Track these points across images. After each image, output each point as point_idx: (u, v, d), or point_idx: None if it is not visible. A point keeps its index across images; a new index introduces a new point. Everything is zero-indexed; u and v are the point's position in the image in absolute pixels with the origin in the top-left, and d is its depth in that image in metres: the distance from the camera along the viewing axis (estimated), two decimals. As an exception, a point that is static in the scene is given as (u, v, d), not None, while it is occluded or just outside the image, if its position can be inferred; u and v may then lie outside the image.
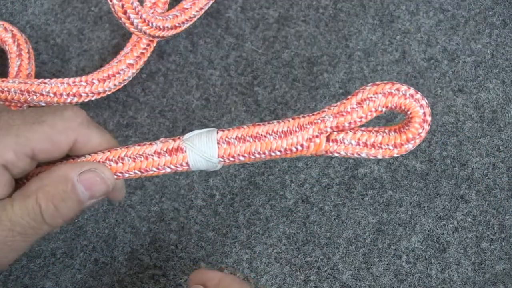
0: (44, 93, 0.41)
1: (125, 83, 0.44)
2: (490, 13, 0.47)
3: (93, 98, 0.43)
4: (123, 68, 0.43)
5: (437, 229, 0.42)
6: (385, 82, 0.30)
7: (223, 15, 0.48)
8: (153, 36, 0.43)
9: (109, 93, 0.43)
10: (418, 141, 0.30)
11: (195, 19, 0.45)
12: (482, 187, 0.43)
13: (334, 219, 0.42)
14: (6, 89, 0.41)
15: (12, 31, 0.45)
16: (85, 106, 0.45)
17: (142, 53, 0.44)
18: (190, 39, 0.47)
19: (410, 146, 0.31)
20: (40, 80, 0.42)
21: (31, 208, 0.30)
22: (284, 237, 0.42)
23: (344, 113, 0.30)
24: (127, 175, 0.33)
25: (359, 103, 0.30)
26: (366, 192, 0.43)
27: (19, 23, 0.48)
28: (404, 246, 0.42)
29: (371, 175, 0.43)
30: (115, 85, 0.43)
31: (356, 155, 0.31)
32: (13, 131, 0.30)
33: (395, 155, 0.31)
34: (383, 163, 0.43)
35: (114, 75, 0.43)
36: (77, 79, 0.42)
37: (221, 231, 0.42)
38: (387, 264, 0.41)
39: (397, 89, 0.30)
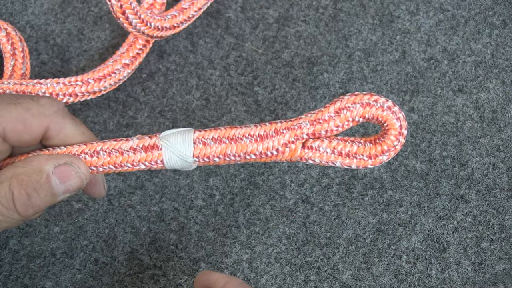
0: (40, 93, 0.41)
1: (120, 83, 0.44)
2: (490, 13, 0.47)
3: (89, 98, 0.43)
4: (119, 68, 0.43)
5: (437, 229, 0.42)
6: (364, 92, 0.30)
7: (223, 15, 0.48)
8: (152, 36, 0.43)
9: (104, 92, 0.43)
10: (393, 153, 0.31)
11: (193, 19, 0.45)
12: (482, 187, 0.43)
13: (334, 219, 0.42)
14: (1, 90, 0.41)
15: (6, 29, 0.44)
16: (85, 106, 0.45)
17: (138, 54, 0.44)
18: (190, 39, 0.47)
19: (385, 158, 0.31)
20: (35, 81, 0.42)
21: (3, 194, 0.30)
22: (284, 237, 0.42)
23: (321, 121, 0.30)
24: (101, 169, 0.33)
25: (337, 112, 0.30)
26: (366, 192, 0.43)
27: (19, 23, 0.48)
28: (404, 246, 0.42)
29: (371, 175, 0.43)
30: (110, 84, 0.43)
31: (330, 164, 0.31)
32: None
33: (369, 166, 0.31)
34: (383, 163, 0.43)
35: (109, 75, 0.43)
36: (73, 78, 0.42)
37: (221, 231, 0.42)
38: (387, 264, 0.41)
39: (375, 101, 0.30)
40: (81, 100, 0.42)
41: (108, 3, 0.41)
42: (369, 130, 0.44)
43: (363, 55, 0.46)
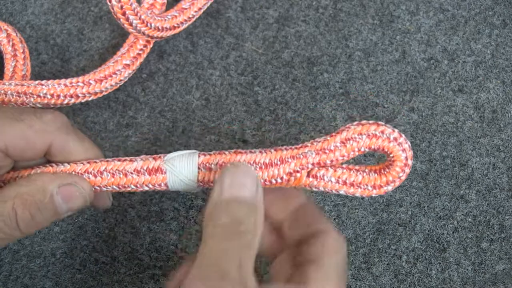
0: (41, 94, 0.41)
1: (121, 83, 0.44)
2: (490, 13, 0.47)
3: (90, 99, 0.43)
4: (120, 68, 0.43)
5: (437, 229, 0.42)
6: (371, 122, 0.30)
7: (223, 15, 0.48)
8: (152, 37, 0.43)
9: (105, 93, 0.43)
10: (398, 183, 0.31)
11: (193, 19, 0.45)
12: (482, 187, 0.43)
13: (334, 219, 0.42)
14: (2, 91, 0.41)
15: (6, 30, 0.44)
16: (85, 106, 0.45)
17: (139, 54, 0.44)
18: (190, 39, 0.47)
19: (390, 188, 0.31)
20: (36, 82, 0.42)
21: (6, 213, 0.30)
22: (284, 237, 0.42)
23: (326, 151, 0.30)
24: (105, 189, 0.33)
25: (343, 142, 0.30)
26: (366, 192, 0.43)
27: (19, 23, 0.48)
28: (404, 246, 0.42)
29: (371, 175, 0.43)
30: (111, 85, 0.43)
31: (335, 192, 0.31)
32: None
33: (374, 195, 0.31)
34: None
35: (110, 76, 0.43)
36: (74, 79, 0.42)
37: (221, 231, 0.42)
38: (387, 264, 0.41)
39: (382, 132, 0.30)
40: (83, 101, 0.42)
41: (109, 3, 0.41)
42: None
43: (363, 55, 0.46)
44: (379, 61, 0.46)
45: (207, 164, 0.31)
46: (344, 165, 0.31)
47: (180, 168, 0.32)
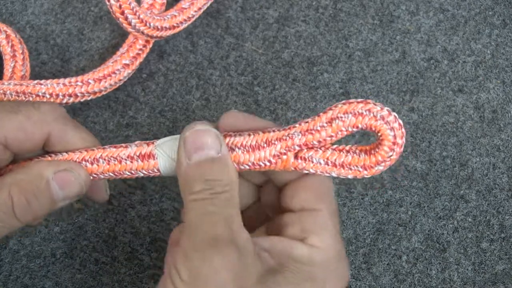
0: (40, 94, 0.41)
1: (121, 83, 0.44)
2: (490, 13, 0.47)
3: (89, 98, 0.43)
4: (119, 68, 0.43)
5: (437, 229, 0.42)
6: (359, 100, 0.29)
7: (223, 15, 0.48)
8: (151, 36, 0.43)
9: (105, 93, 0.43)
10: (389, 163, 0.30)
11: (193, 19, 0.45)
12: (482, 187, 0.43)
13: (334, 219, 0.42)
14: (1, 91, 0.41)
15: (6, 32, 0.44)
16: (85, 106, 0.45)
17: (138, 54, 0.44)
18: (190, 39, 0.47)
19: (381, 168, 0.30)
20: (35, 81, 0.42)
21: (2, 200, 0.30)
22: (284, 237, 0.42)
23: (313, 132, 0.29)
24: (102, 176, 0.33)
25: (329, 122, 0.29)
26: (366, 192, 0.43)
27: (19, 23, 0.48)
28: (404, 246, 0.42)
29: (371, 175, 0.43)
30: (111, 85, 0.43)
31: (326, 174, 0.31)
32: None
33: (366, 176, 0.30)
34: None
35: (109, 75, 0.43)
36: (73, 79, 0.42)
37: (221, 231, 0.42)
38: (387, 264, 0.41)
39: (368, 110, 0.28)
40: (82, 100, 0.42)
41: (107, 3, 0.41)
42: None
43: (363, 55, 0.46)
44: (379, 61, 0.46)
45: None
46: (334, 146, 0.30)
47: (170, 152, 0.31)
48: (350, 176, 0.30)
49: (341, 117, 0.29)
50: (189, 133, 0.30)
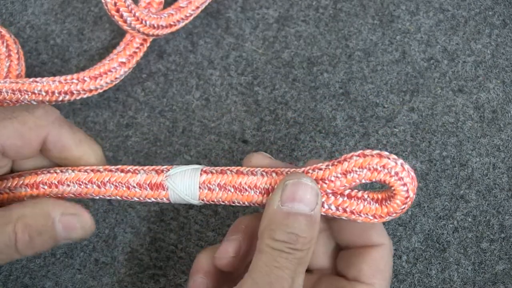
0: (36, 91, 0.41)
1: (117, 82, 0.44)
2: (490, 13, 0.47)
3: (85, 96, 0.43)
4: (115, 66, 0.43)
5: (437, 229, 0.42)
6: (374, 153, 0.30)
7: (223, 15, 0.48)
8: (148, 35, 0.43)
9: (101, 90, 0.43)
10: (399, 214, 0.31)
11: (191, 18, 0.45)
12: (482, 187, 0.43)
13: (334, 219, 0.42)
14: None
15: (0, 32, 0.45)
16: (85, 106, 0.45)
17: (135, 52, 0.44)
18: (190, 39, 0.47)
19: (391, 218, 0.31)
20: (31, 79, 0.42)
21: (7, 234, 0.30)
22: (284, 237, 0.42)
23: (326, 181, 0.30)
24: (109, 198, 0.33)
25: (344, 173, 0.30)
26: (366, 192, 0.43)
27: (19, 23, 0.48)
28: (404, 246, 0.42)
29: (371, 175, 0.43)
30: (106, 83, 0.43)
31: (336, 217, 0.31)
32: None
33: (376, 222, 0.31)
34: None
35: (105, 73, 0.43)
36: (69, 76, 0.42)
37: (221, 231, 0.42)
38: (387, 264, 0.41)
39: (383, 166, 0.29)
40: (78, 98, 0.42)
41: (103, 1, 0.41)
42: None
43: (363, 55, 0.46)
44: (379, 61, 0.46)
45: (208, 185, 0.32)
46: (346, 192, 0.31)
47: (181, 187, 0.32)
48: (359, 221, 0.31)
49: (356, 171, 0.30)
50: (292, 182, 0.29)
